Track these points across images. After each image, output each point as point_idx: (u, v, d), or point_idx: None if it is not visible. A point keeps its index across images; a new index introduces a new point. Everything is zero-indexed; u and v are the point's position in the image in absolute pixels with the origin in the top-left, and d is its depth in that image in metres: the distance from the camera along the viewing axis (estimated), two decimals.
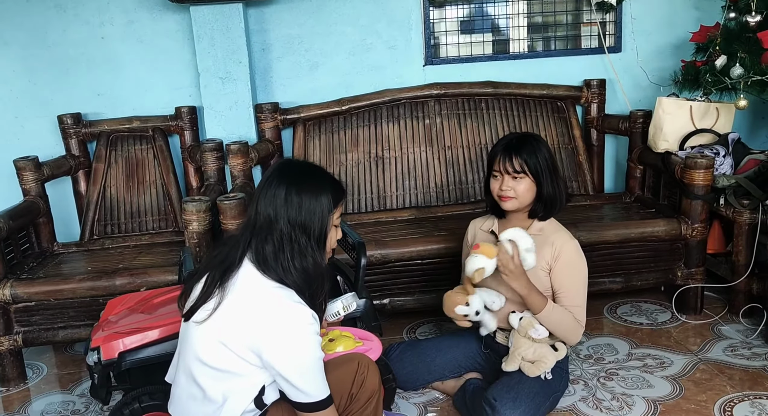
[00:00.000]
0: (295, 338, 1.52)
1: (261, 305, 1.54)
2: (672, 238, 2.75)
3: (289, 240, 1.56)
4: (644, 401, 2.23)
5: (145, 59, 3.30)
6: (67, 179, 3.22)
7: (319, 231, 1.59)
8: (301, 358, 1.52)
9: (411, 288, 2.73)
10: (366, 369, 1.74)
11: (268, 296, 1.55)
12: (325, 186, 1.63)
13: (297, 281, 1.56)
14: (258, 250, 1.58)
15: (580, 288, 2.13)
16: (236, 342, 1.52)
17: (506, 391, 2.02)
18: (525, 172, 2.08)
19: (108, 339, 1.90)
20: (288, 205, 1.57)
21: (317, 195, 1.59)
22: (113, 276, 2.52)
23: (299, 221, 1.57)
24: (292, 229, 1.56)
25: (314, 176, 1.65)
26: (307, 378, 1.53)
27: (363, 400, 1.73)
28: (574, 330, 2.11)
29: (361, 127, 3.31)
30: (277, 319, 1.52)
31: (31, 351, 2.82)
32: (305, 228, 1.57)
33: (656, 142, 3.01)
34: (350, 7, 3.33)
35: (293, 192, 1.58)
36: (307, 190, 1.59)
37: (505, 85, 3.37)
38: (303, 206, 1.57)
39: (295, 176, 1.62)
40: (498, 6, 3.45)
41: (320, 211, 1.59)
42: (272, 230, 1.57)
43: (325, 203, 1.60)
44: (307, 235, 1.57)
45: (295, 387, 1.53)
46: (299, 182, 1.60)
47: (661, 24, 3.44)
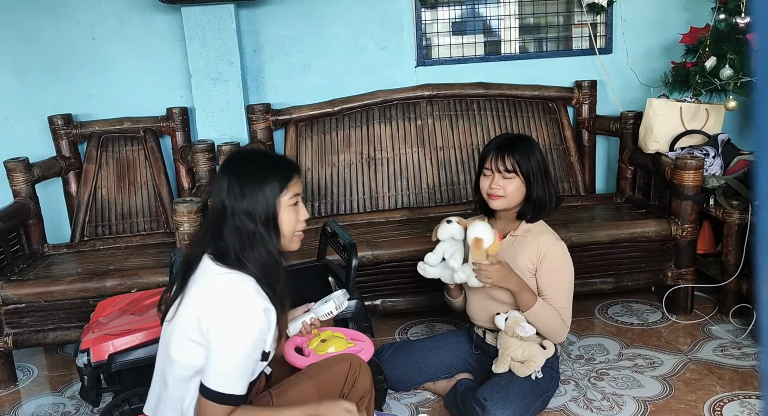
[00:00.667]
0: (234, 323, 1.48)
1: (214, 288, 1.53)
2: (662, 238, 2.77)
3: (239, 230, 1.55)
4: (634, 401, 2.24)
5: (136, 60, 3.29)
6: (58, 180, 3.20)
7: (265, 217, 1.56)
8: (229, 344, 1.48)
9: (403, 289, 2.74)
10: (358, 370, 1.74)
11: (222, 280, 1.54)
12: (268, 170, 1.59)
13: (253, 270, 1.54)
14: (214, 244, 1.57)
15: (565, 290, 2.13)
16: (193, 329, 1.51)
17: (496, 391, 2.02)
18: (516, 172, 2.09)
19: (98, 341, 1.89)
20: (231, 195, 1.55)
21: (259, 181, 1.56)
22: (104, 278, 2.51)
23: (244, 209, 1.55)
24: (239, 219, 1.55)
25: (255, 162, 1.62)
26: (228, 365, 1.49)
27: (355, 400, 1.72)
28: (560, 329, 2.12)
29: (353, 128, 3.31)
30: (225, 299, 1.50)
31: (21, 352, 2.81)
32: (251, 216, 1.55)
33: (646, 143, 3.02)
34: (342, 8, 3.34)
35: (234, 182, 1.56)
36: (248, 177, 1.57)
37: (497, 86, 3.37)
38: (246, 195, 1.55)
39: (237, 166, 1.61)
40: (489, 7, 3.46)
41: (264, 197, 1.56)
42: (224, 222, 1.56)
43: (269, 187, 1.56)
44: (255, 222, 1.55)
45: (213, 370, 1.49)
46: (240, 171, 1.58)
47: (652, 25, 3.46)
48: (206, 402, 1.50)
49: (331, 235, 2.32)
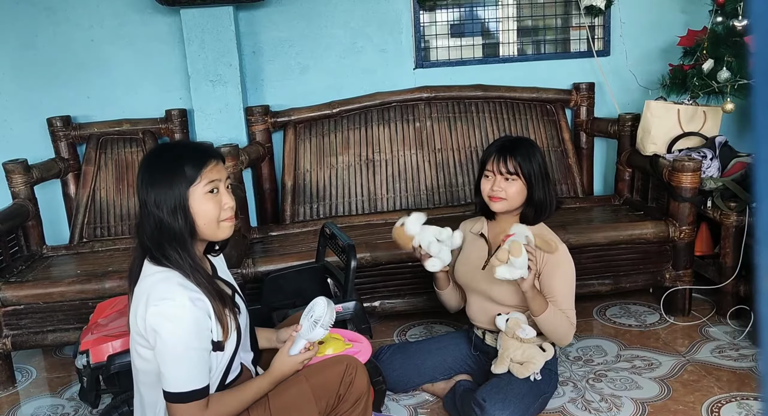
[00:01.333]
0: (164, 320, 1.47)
1: (144, 291, 1.52)
2: (660, 240, 2.77)
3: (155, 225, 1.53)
4: (633, 402, 2.24)
5: (135, 62, 3.30)
6: (57, 182, 3.21)
7: (173, 208, 1.53)
8: (168, 341, 1.47)
9: (401, 291, 2.74)
10: (354, 371, 1.74)
11: (149, 281, 1.53)
12: (180, 160, 1.55)
13: (176, 264, 1.53)
14: (142, 243, 1.57)
15: (568, 291, 2.13)
16: (138, 333, 1.52)
17: (495, 392, 2.03)
18: (518, 174, 2.09)
19: (97, 342, 1.89)
20: (144, 189, 1.55)
21: (169, 172, 1.54)
22: (103, 279, 2.51)
23: (154, 202, 1.53)
24: (152, 212, 1.53)
25: (168, 153, 1.61)
26: (177, 363, 1.48)
27: (351, 401, 1.73)
28: (568, 331, 2.11)
29: (351, 130, 3.32)
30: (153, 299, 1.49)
31: (20, 354, 2.81)
32: (161, 208, 1.53)
33: (644, 145, 3.03)
34: (341, 10, 3.34)
35: (147, 174, 1.55)
36: (160, 169, 1.55)
37: (495, 89, 3.38)
38: (154, 186, 1.53)
39: (151, 159, 1.59)
40: (488, 9, 3.47)
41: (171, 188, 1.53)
42: (143, 217, 1.56)
43: (178, 178, 1.53)
44: (165, 214, 1.52)
45: (163, 374, 1.49)
46: (150, 164, 1.58)
47: (650, 28, 3.47)
48: (174, 406, 1.50)
49: (330, 237, 2.33)
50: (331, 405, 1.70)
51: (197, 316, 1.48)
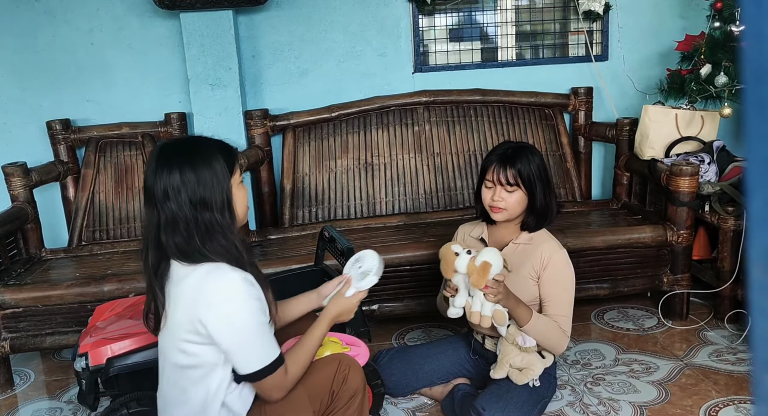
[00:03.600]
0: (229, 305, 1.49)
1: (193, 288, 1.51)
2: (658, 244, 2.78)
3: (195, 223, 1.51)
4: (631, 406, 2.25)
5: (134, 65, 3.30)
6: (56, 185, 3.21)
7: (221, 201, 1.53)
8: (240, 325, 1.49)
9: (400, 294, 2.74)
10: (347, 368, 1.73)
11: (194, 277, 1.52)
12: (214, 152, 1.55)
13: (219, 258, 1.53)
14: (172, 245, 1.52)
15: (566, 298, 2.13)
16: (190, 332, 1.52)
17: (495, 401, 2.02)
18: (518, 184, 2.08)
19: (96, 345, 1.90)
20: (185, 186, 1.50)
21: (209, 164, 1.52)
22: (101, 282, 2.52)
23: (199, 197, 1.50)
24: (194, 209, 1.50)
25: (199, 147, 1.56)
26: (251, 344, 1.51)
27: (345, 398, 1.72)
28: (560, 340, 2.10)
29: (350, 133, 3.32)
30: (209, 292, 1.49)
31: (18, 357, 2.81)
32: (206, 204, 1.51)
33: (642, 149, 3.04)
34: (340, 14, 3.35)
35: (186, 171, 1.50)
36: (198, 163, 1.52)
37: (494, 93, 3.39)
38: (200, 181, 1.51)
39: (180, 156, 1.53)
40: (487, 14, 3.48)
41: (218, 179, 1.53)
42: (176, 219, 1.51)
43: (220, 169, 1.53)
44: (210, 210, 1.51)
45: (242, 358, 1.51)
46: (187, 159, 1.52)
47: (647, 33, 3.48)
48: (261, 382, 1.54)
49: (329, 240, 2.33)
50: (325, 404, 1.70)
51: (257, 294, 1.53)
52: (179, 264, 1.55)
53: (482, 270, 1.92)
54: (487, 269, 1.92)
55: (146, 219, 1.58)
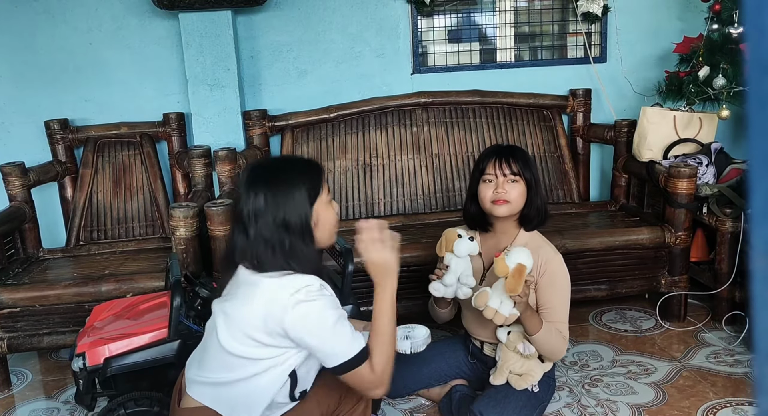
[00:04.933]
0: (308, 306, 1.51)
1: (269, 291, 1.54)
2: (656, 246, 2.78)
3: (278, 243, 1.54)
4: (628, 407, 2.25)
5: (133, 65, 3.30)
6: (54, 185, 3.20)
7: (301, 226, 1.56)
8: (320, 321, 1.52)
9: (398, 295, 2.72)
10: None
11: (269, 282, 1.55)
12: (296, 178, 1.59)
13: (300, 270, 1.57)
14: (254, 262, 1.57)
15: (564, 304, 2.11)
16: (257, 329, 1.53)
17: (492, 406, 2.02)
18: (521, 175, 2.08)
19: (93, 345, 1.90)
20: (267, 209, 1.55)
21: (290, 190, 1.57)
22: (99, 282, 2.51)
23: (280, 220, 1.54)
24: (276, 231, 1.54)
25: (284, 171, 1.61)
26: (332, 339, 1.53)
27: (351, 402, 1.75)
28: (562, 348, 2.08)
29: (349, 134, 3.32)
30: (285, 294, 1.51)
31: (15, 357, 2.80)
32: (287, 226, 1.55)
33: (640, 151, 3.05)
34: (339, 15, 3.36)
35: (269, 195, 1.55)
36: (281, 188, 1.56)
37: (492, 94, 3.39)
38: (280, 206, 1.55)
39: (266, 178, 1.58)
40: (485, 16, 3.49)
41: (298, 205, 1.56)
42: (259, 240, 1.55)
43: (299, 195, 1.57)
44: (291, 233, 1.55)
45: (326, 353, 1.53)
46: (272, 183, 1.57)
47: (646, 35, 3.49)
48: (348, 374, 1.54)
49: None
50: (332, 406, 1.72)
51: (329, 290, 1.56)
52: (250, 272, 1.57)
53: (518, 274, 1.85)
54: (523, 272, 1.86)
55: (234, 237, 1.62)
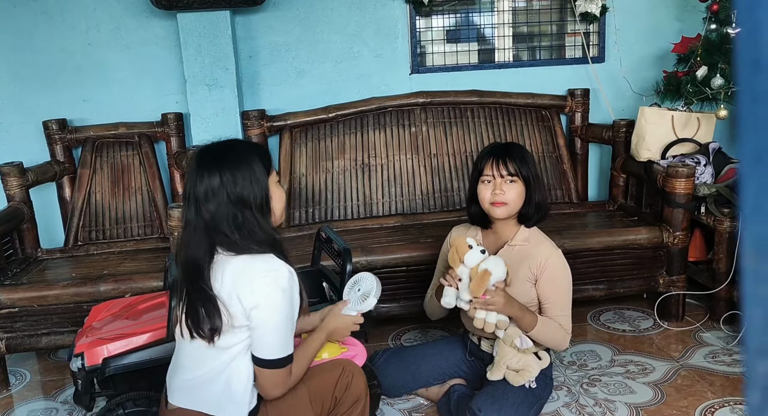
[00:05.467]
0: (271, 287, 1.53)
1: (239, 266, 1.56)
2: (654, 246, 2.79)
3: (234, 220, 1.56)
4: (626, 407, 2.25)
5: (131, 65, 3.30)
6: (52, 185, 3.20)
7: (260, 199, 1.59)
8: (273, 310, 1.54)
9: (397, 295, 2.74)
10: (351, 374, 1.77)
11: (243, 259, 1.57)
12: (251, 154, 1.62)
13: (265, 248, 1.59)
14: (219, 242, 1.58)
15: (565, 298, 2.14)
16: (239, 313, 1.55)
17: (491, 402, 2.03)
18: (519, 175, 2.09)
19: (92, 345, 1.89)
20: (225, 187, 1.56)
21: (248, 167, 1.59)
22: (98, 282, 2.51)
23: (238, 196, 1.56)
24: (235, 208, 1.56)
25: (236, 150, 1.63)
26: (275, 332, 1.55)
27: (348, 404, 1.75)
28: (563, 339, 2.13)
29: (347, 134, 3.32)
30: (255, 269, 1.55)
31: (14, 357, 2.80)
32: (246, 202, 1.57)
33: (639, 151, 3.05)
34: (337, 15, 3.36)
35: (227, 173, 1.57)
36: (237, 166, 1.58)
37: (491, 94, 3.40)
38: (238, 181, 1.57)
39: (219, 158, 1.60)
40: (484, 16, 3.49)
41: (256, 181, 1.59)
42: (223, 218, 1.56)
43: (258, 169, 1.60)
44: (250, 208, 1.57)
45: (261, 341, 1.56)
46: (226, 161, 1.59)
47: (644, 35, 3.49)
48: (267, 371, 1.58)
49: (326, 240, 2.33)
50: (327, 408, 1.72)
51: (295, 287, 1.59)
52: (224, 255, 1.58)
53: (481, 279, 1.95)
54: (486, 278, 1.94)
55: (185, 221, 1.63)
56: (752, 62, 0.29)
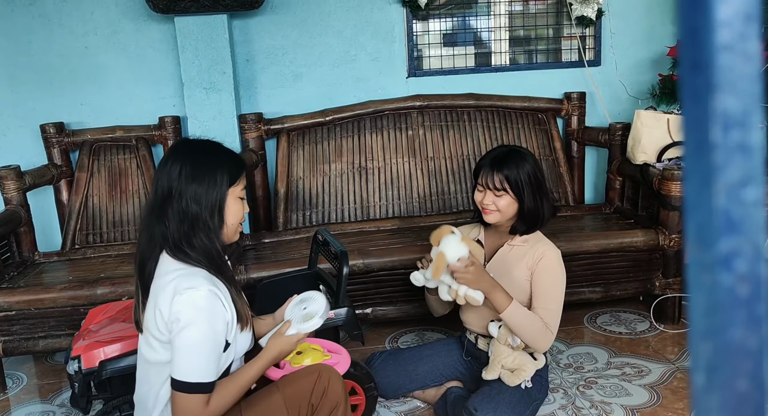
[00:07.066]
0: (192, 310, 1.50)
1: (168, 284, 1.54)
2: (650, 248, 2.80)
3: (183, 214, 1.56)
4: (622, 409, 2.26)
5: (129, 69, 3.31)
6: (49, 188, 3.20)
7: (213, 204, 1.58)
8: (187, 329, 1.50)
9: (393, 298, 2.75)
10: (327, 380, 1.71)
11: (173, 276, 1.55)
12: (223, 160, 1.62)
13: (199, 257, 1.57)
14: (160, 231, 1.58)
15: (555, 293, 2.11)
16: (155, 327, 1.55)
17: (487, 401, 2.03)
18: (505, 190, 2.08)
19: (89, 348, 1.90)
20: (182, 179, 1.56)
21: (212, 169, 1.59)
22: (95, 285, 2.51)
23: (192, 193, 1.56)
24: (185, 202, 1.56)
25: (209, 152, 1.63)
26: (193, 352, 1.51)
27: (326, 411, 1.70)
28: (543, 334, 2.06)
29: (344, 138, 3.33)
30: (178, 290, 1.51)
31: (11, 360, 2.80)
32: (198, 201, 1.56)
33: (635, 154, 3.06)
34: (334, 19, 3.37)
35: (188, 166, 1.57)
36: (201, 164, 1.59)
37: (487, 98, 3.41)
38: (196, 179, 1.57)
39: (190, 152, 1.61)
40: (480, 19, 3.51)
41: (215, 184, 1.58)
42: (168, 206, 1.57)
43: (220, 176, 1.59)
44: (200, 207, 1.57)
45: (179, 359, 1.52)
46: (194, 157, 1.60)
47: (640, 39, 3.51)
48: (180, 395, 1.51)
49: (323, 243, 2.34)
50: (303, 413, 1.67)
51: (218, 310, 1.53)
52: (168, 259, 1.58)
53: (437, 260, 2.00)
54: (441, 259, 1.99)
55: (147, 204, 1.65)
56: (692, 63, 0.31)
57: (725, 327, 0.32)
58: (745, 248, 0.32)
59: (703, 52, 0.30)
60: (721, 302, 0.33)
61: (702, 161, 0.31)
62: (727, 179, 0.31)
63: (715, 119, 0.31)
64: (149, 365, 1.61)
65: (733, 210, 0.31)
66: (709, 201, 0.31)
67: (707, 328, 0.33)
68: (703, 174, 0.31)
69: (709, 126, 0.31)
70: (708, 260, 0.33)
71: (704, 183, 0.31)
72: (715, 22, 0.30)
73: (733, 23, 0.30)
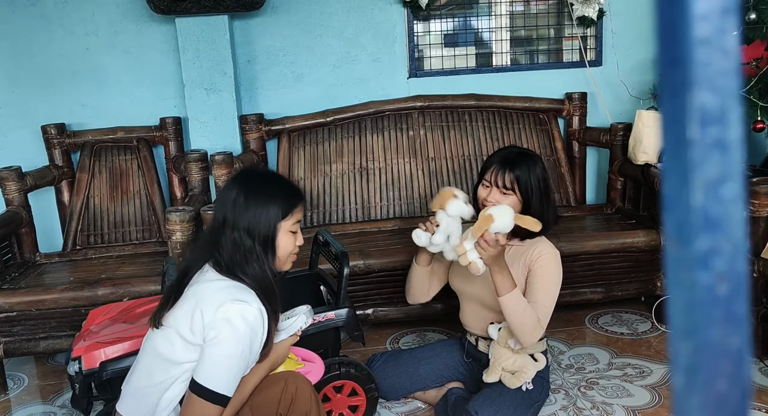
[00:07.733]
0: (237, 320, 1.52)
1: (213, 290, 1.56)
2: (652, 248, 2.79)
3: (235, 244, 1.59)
4: (624, 410, 2.25)
5: (130, 70, 3.31)
6: (51, 190, 3.21)
7: (264, 237, 1.61)
8: (227, 339, 1.51)
9: (394, 298, 2.75)
10: (294, 388, 1.67)
11: (221, 284, 1.58)
12: (276, 193, 1.65)
13: (254, 286, 1.59)
14: (215, 254, 1.62)
15: (549, 290, 2.08)
16: (185, 326, 1.55)
17: (488, 404, 2.02)
18: (514, 190, 2.07)
19: (89, 349, 1.90)
20: (235, 208, 1.60)
21: (265, 201, 1.61)
22: (96, 286, 2.51)
23: (244, 225, 1.59)
24: (238, 233, 1.59)
25: (267, 183, 1.67)
26: (226, 364, 1.52)
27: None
28: (533, 327, 2.01)
29: (345, 138, 3.33)
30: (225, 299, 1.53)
31: (12, 361, 2.80)
32: (250, 232, 1.59)
33: (636, 154, 3.05)
34: (335, 19, 3.37)
35: (242, 196, 1.61)
36: (256, 195, 1.62)
37: (488, 98, 3.41)
38: (249, 210, 1.60)
39: (247, 183, 1.65)
40: (481, 20, 3.50)
41: (266, 217, 1.61)
42: (222, 233, 1.61)
43: (273, 210, 1.62)
44: (252, 239, 1.59)
45: (205, 365, 1.52)
46: (250, 187, 1.63)
47: (641, 39, 3.50)
48: (199, 400, 1.51)
49: (323, 244, 2.34)
50: None
51: (259, 331, 1.56)
52: (212, 270, 1.61)
53: (484, 220, 1.91)
54: (488, 221, 1.90)
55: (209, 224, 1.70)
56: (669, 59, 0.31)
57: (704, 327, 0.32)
58: (723, 246, 0.32)
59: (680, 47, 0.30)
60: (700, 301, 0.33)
61: (680, 157, 0.31)
62: (705, 176, 0.31)
63: (693, 115, 0.30)
64: (158, 359, 1.60)
65: (712, 208, 0.31)
66: (687, 199, 0.31)
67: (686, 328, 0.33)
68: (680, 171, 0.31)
69: (686, 122, 0.30)
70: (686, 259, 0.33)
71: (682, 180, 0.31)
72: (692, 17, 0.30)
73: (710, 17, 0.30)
